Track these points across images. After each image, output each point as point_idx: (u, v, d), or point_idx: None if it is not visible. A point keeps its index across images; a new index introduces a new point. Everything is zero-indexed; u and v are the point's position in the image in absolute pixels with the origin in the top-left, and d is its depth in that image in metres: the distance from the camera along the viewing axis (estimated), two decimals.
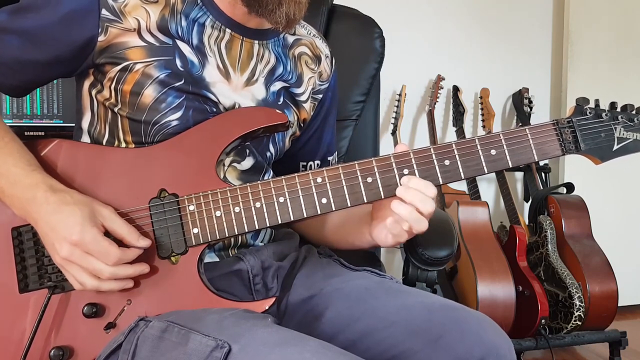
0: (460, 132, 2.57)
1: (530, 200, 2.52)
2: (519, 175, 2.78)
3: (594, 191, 2.58)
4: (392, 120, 2.49)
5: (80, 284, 0.86)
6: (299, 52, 1.11)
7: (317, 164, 1.19)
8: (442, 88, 2.60)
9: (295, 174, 0.90)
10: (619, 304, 2.21)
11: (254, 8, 0.96)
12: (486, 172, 0.90)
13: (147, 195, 0.91)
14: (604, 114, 0.92)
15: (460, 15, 2.72)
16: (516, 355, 0.91)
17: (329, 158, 1.21)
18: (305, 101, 1.11)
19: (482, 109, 2.66)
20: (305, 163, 1.19)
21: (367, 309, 0.93)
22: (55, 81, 1.69)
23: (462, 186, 2.55)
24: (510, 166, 0.91)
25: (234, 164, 1.01)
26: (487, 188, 2.78)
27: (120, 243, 0.86)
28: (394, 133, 2.46)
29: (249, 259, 0.99)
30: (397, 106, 2.49)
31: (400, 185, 0.89)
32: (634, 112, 0.93)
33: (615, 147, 0.92)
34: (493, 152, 0.90)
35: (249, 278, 0.99)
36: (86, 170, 0.93)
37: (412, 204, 0.87)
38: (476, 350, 0.85)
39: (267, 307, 0.88)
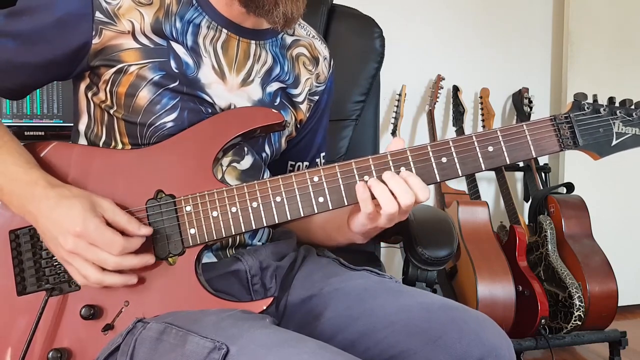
0: (460, 132, 2.57)
1: (530, 200, 2.51)
2: (519, 175, 2.78)
3: (594, 191, 2.58)
4: (392, 120, 2.48)
5: (84, 277, 0.85)
6: (297, 53, 1.10)
7: (306, 165, 1.19)
8: (442, 88, 2.59)
9: (292, 174, 0.90)
10: (619, 304, 2.20)
11: (251, 8, 0.96)
12: (484, 169, 0.89)
13: (144, 196, 0.91)
14: (602, 109, 0.91)
15: (461, 15, 2.72)
16: (516, 355, 0.91)
17: (317, 160, 1.21)
18: (302, 102, 1.11)
19: (482, 108, 2.65)
20: (293, 163, 1.19)
21: (366, 309, 0.93)
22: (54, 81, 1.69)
23: (462, 186, 2.55)
24: (508, 163, 0.90)
25: (234, 164, 1.01)
26: (487, 188, 2.77)
27: (122, 234, 0.86)
28: (394, 133, 2.46)
29: (247, 259, 0.99)
30: (397, 106, 2.48)
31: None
32: (632, 107, 0.91)
33: (614, 142, 0.90)
34: (490, 148, 0.89)
35: (247, 278, 0.99)
36: (83, 172, 0.93)
37: (393, 191, 0.86)
38: (475, 350, 0.84)
39: (264, 307, 0.87)
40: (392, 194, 0.87)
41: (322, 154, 1.22)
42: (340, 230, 1.03)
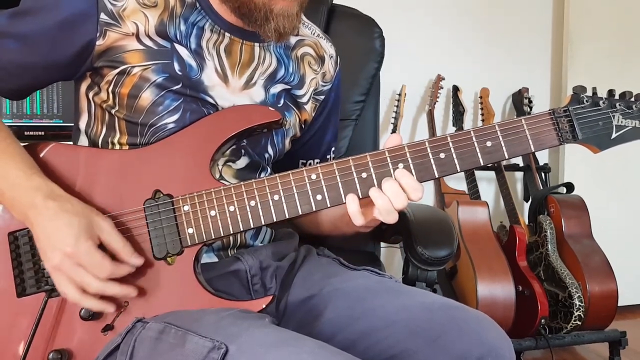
0: None
1: (530, 200, 2.51)
2: (519, 175, 2.78)
3: (594, 191, 2.58)
4: (392, 120, 2.48)
5: (63, 293, 0.85)
6: (302, 53, 1.10)
7: (317, 162, 1.19)
8: (442, 88, 2.59)
9: (290, 172, 0.90)
10: (619, 304, 2.20)
11: (245, 20, 0.97)
12: (482, 164, 0.89)
13: (142, 196, 0.91)
14: (601, 102, 0.89)
15: (461, 15, 2.72)
16: (516, 355, 0.91)
17: (328, 156, 1.21)
18: (306, 102, 1.11)
19: (482, 108, 2.65)
20: (305, 161, 1.19)
21: (366, 309, 0.93)
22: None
23: (461, 186, 2.55)
24: (507, 157, 0.89)
25: (229, 163, 1.01)
26: (487, 188, 2.77)
27: (114, 258, 0.86)
28: (393, 133, 2.46)
29: (247, 259, 0.99)
30: (397, 106, 2.48)
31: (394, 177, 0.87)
32: (632, 99, 0.90)
33: (614, 135, 0.89)
34: (489, 143, 0.88)
35: (247, 278, 0.99)
36: (81, 174, 0.92)
37: (389, 198, 0.86)
38: (475, 350, 0.85)
39: (264, 306, 0.88)
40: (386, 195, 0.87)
41: (333, 149, 1.22)
42: (343, 219, 1.03)
